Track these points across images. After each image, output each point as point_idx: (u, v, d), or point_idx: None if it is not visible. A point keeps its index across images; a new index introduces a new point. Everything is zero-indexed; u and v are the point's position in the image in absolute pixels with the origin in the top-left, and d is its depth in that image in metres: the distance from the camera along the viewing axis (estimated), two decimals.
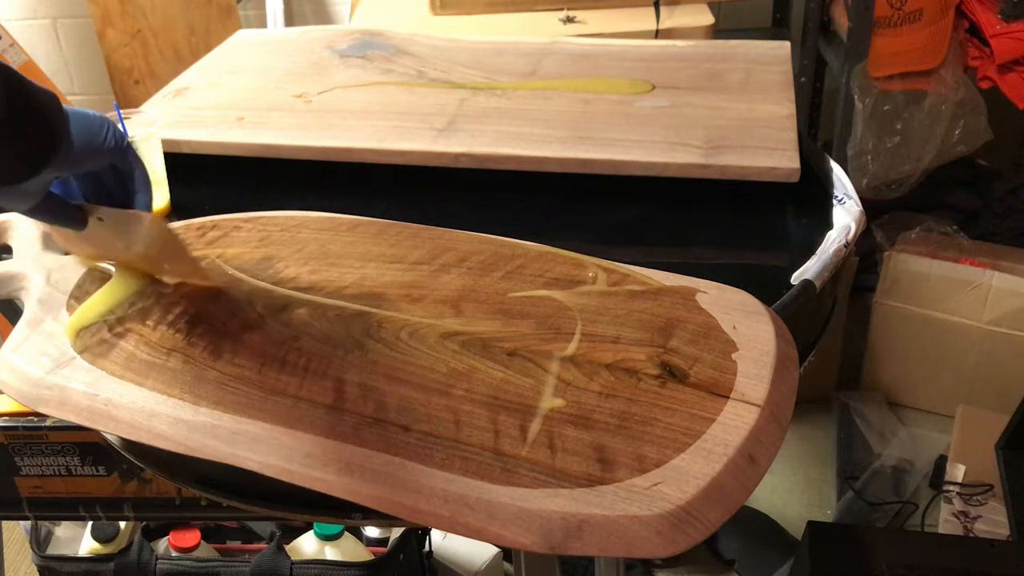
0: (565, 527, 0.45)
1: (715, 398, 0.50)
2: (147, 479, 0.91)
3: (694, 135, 0.81)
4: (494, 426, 0.50)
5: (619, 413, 0.50)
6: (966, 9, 1.49)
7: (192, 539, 1.19)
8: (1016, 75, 1.44)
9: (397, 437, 0.50)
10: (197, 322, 0.60)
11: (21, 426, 0.88)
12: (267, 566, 1.11)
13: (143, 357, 0.57)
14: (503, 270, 0.63)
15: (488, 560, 1.31)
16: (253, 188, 0.84)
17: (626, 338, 0.55)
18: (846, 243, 0.70)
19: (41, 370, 0.58)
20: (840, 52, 1.63)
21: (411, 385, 0.53)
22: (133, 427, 0.54)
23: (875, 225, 1.73)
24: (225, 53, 1.06)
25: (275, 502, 0.56)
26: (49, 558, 1.16)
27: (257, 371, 0.55)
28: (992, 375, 1.58)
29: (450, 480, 0.47)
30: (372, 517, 0.51)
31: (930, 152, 1.53)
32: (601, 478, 0.47)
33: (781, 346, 0.55)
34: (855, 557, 1.14)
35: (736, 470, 0.47)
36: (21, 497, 0.93)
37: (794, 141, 0.80)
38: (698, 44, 1.03)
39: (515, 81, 0.95)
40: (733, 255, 0.74)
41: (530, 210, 0.79)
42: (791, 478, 1.59)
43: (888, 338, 1.66)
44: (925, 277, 1.59)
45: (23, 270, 0.69)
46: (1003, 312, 1.55)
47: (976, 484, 1.43)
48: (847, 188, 0.77)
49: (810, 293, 0.65)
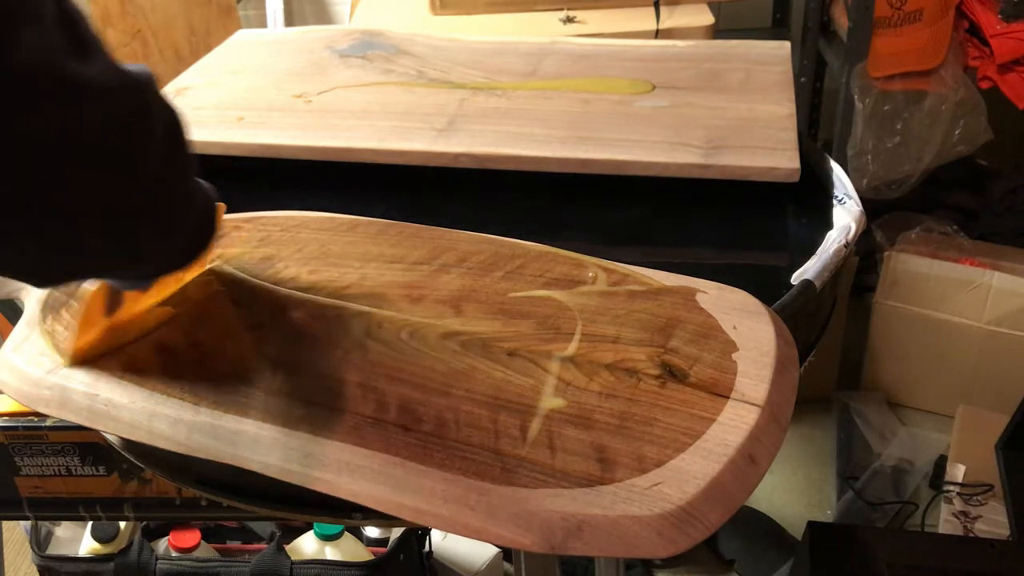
0: (565, 527, 0.45)
1: (715, 398, 0.50)
2: (147, 479, 0.91)
3: (694, 135, 0.81)
4: (494, 426, 0.50)
5: (619, 413, 0.50)
6: (966, 9, 1.49)
7: (192, 539, 1.19)
8: (1016, 75, 1.44)
9: (397, 437, 0.50)
10: (197, 322, 0.60)
11: (21, 426, 0.88)
12: (267, 566, 1.11)
13: (143, 357, 0.57)
14: (503, 270, 0.63)
15: (488, 560, 1.31)
16: (253, 188, 0.84)
17: (626, 338, 0.55)
18: (846, 243, 0.70)
19: (41, 370, 0.58)
20: (840, 52, 1.63)
21: (411, 385, 0.53)
22: (133, 427, 0.54)
23: (875, 225, 1.73)
24: (225, 53, 1.06)
25: (275, 502, 0.56)
26: (49, 558, 1.16)
27: (257, 371, 0.55)
28: (992, 375, 1.58)
29: (450, 480, 0.47)
30: (372, 517, 0.51)
31: (930, 152, 1.53)
32: (601, 478, 0.47)
33: (781, 346, 0.55)
34: (855, 557, 1.14)
35: (736, 470, 0.47)
36: (21, 497, 0.93)
37: (794, 141, 0.80)
38: (698, 44, 1.03)
39: (515, 81, 0.95)
40: (733, 255, 0.74)
41: (530, 210, 0.79)
42: (791, 478, 1.59)
43: (888, 338, 1.66)
44: (925, 277, 1.59)
45: None
46: (1003, 312, 1.55)
47: (976, 484, 1.43)
48: (847, 188, 0.77)
49: (810, 293, 0.65)
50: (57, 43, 0.39)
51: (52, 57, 0.38)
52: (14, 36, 0.37)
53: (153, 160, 0.45)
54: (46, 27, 0.38)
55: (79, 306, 0.57)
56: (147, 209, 0.46)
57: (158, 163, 0.45)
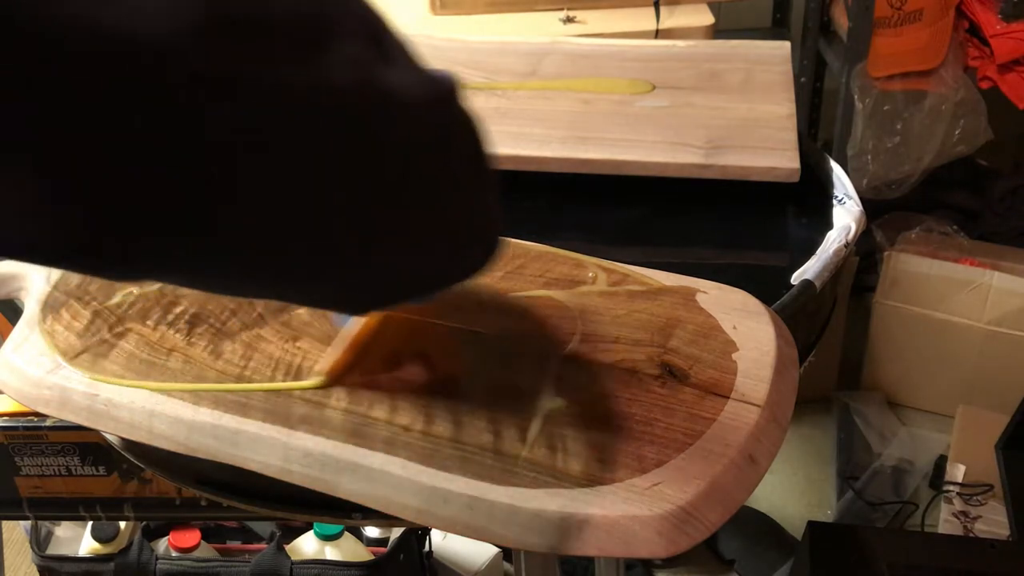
0: (565, 527, 0.45)
1: (715, 398, 0.50)
2: (147, 479, 0.91)
3: (694, 135, 0.81)
4: (494, 426, 0.50)
5: (619, 413, 0.50)
6: (966, 9, 1.49)
7: (192, 539, 1.19)
8: (1016, 75, 1.44)
9: (397, 437, 0.50)
10: (197, 322, 0.60)
11: (21, 426, 0.88)
12: (267, 566, 1.11)
13: (143, 357, 0.57)
14: (503, 270, 0.63)
15: (488, 560, 1.31)
16: None
17: (626, 338, 0.55)
18: (846, 243, 0.70)
19: (41, 370, 0.58)
20: (840, 52, 1.63)
21: (411, 385, 0.53)
22: (133, 427, 0.54)
23: (875, 225, 1.73)
24: None
25: (275, 502, 0.56)
26: (49, 558, 1.16)
27: (257, 371, 0.55)
28: (992, 375, 1.58)
29: (450, 480, 0.47)
30: (372, 517, 0.51)
31: (930, 152, 1.53)
32: (601, 478, 0.47)
33: (781, 346, 0.55)
34: (855, 557, 1.14)
35: (736, 470, 0.47)
36: (21, 497, 0.93)
37: (794, 141, 0.80)
38: (698, 44, 1.03)
39: (515, 81, 0.95)
40: (733, 255, 0.74)
41: (530, 210, 0.79)
42: (791, 478, 1.59)
43: (888, 338, 1.66)
44: (925, 277, 1.59)
45: (23, 270, 0.69)
46: (1003, 312, 1.55)
47: (976, 484, 1.43)
48: (847, 188, 0.77)
49: (810, 293, 0.65)
50: (369, 56, 0.36)
51: (364, 73, 0.35)
52: (325, 55, 0.33)
53: (458, 176, 0.42)
54: (358, 40, 0.35)
55: (349, 328, 0.55)
56: (457, 226, 0.43)
57: (462, 178, 0.42)
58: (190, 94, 0.30)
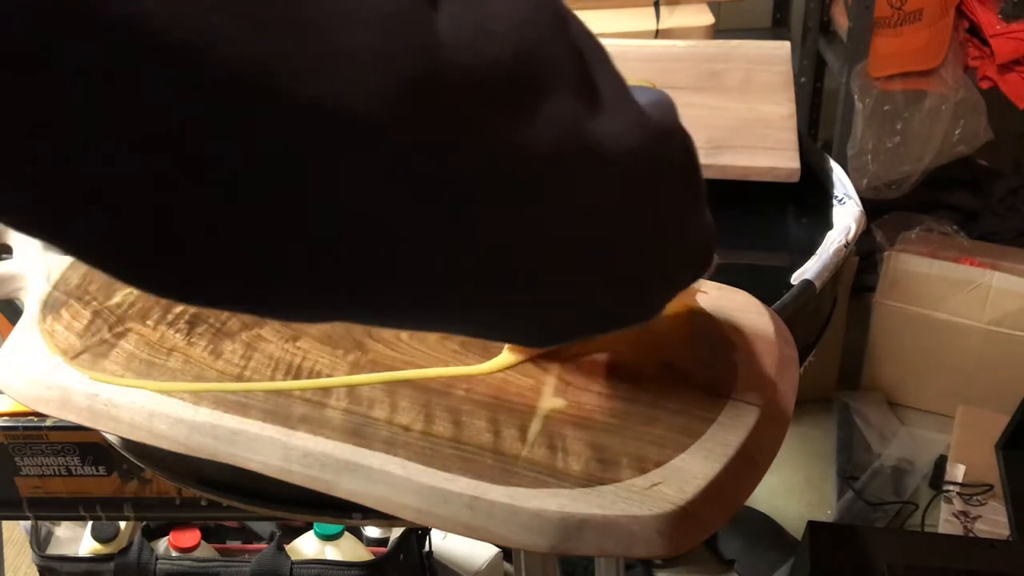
0: (565, 527, 0.45)
1: (715, 398, 0.50)
2: (147, 479, 0.91)
3: (694, 135, 0.80)
4: (494, 426, 0.50)
5: (619, 413, 0.50)
6: (966, 9, 1.49)
7: (192, 539, 1.19)
8: (1016, 75, 1.44)
9: (397, 437, 0.50)
10: (197, 322, 0.60)
11: (21, 426, 0.88)
12: (267, 566, 1.11)
13: (143, 357, 0.57)
14: None
15: (488, 560, 1.31)
16: None
17: (626, 338, 0.55)
18: (846, 243, 0.70)
19: (41, 370, 0.58)
20: (840, 52, 1.63)
21: (411, 385, 0.53)
22: (133, 427, 0.54)
23: (875, 225, 1.73)
24: None
25: (275, 502, 0.56)
26: (49, 558, 1.16)
27: (257, 371, 0.55)
28: (992, 375, 1.58)
29: (450, 480, 0.47)
30: (372, 517, 0.51)
31: (930, 152, 1.53)
32: (601, 478, 0.46)
33: (781, 346, 0.55)
34: (855, 557, 1.14)
35: (736, 470, 0.47)
36: (21, 497, 0.93)
37: (794, 141, 0.80)
38: (698, 44, 1.03)
39: None
40: (733, 255, 0.74)
41: None
42: (791, 478, 1.59)
43: (888, 338, 1.66)
44: (925, 277, 1.59)
45: (23, 270, 0.69)
46: (1003, 312, 1.55)
47: (976, 484, 1.43)
48: (847, 188, 0.77)
49: (810, 293, 0.65)
50: (578, 109, 0.33)
51: (571, 132, 0.32)
52: (535, 113, 0.31)
53: (671, 211, 0.40)
54: (567, 88, 0.32)
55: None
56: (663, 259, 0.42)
57: (676, 212, 0.41)
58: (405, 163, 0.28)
